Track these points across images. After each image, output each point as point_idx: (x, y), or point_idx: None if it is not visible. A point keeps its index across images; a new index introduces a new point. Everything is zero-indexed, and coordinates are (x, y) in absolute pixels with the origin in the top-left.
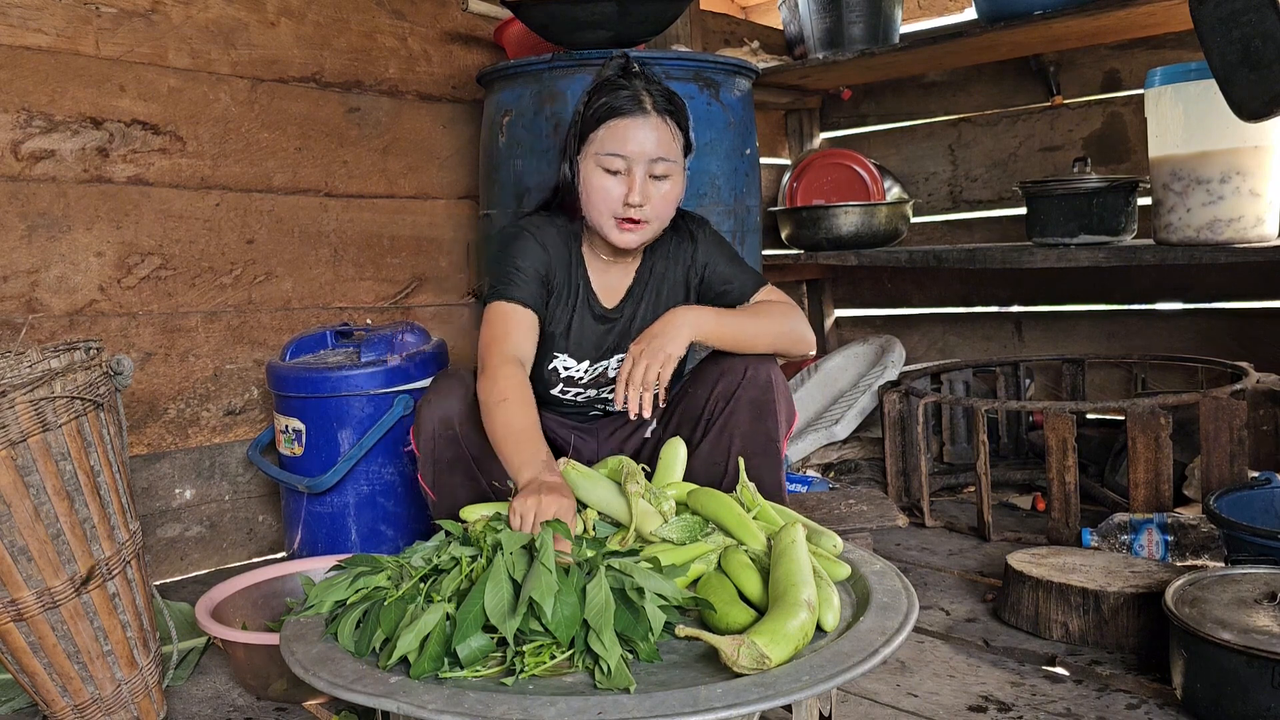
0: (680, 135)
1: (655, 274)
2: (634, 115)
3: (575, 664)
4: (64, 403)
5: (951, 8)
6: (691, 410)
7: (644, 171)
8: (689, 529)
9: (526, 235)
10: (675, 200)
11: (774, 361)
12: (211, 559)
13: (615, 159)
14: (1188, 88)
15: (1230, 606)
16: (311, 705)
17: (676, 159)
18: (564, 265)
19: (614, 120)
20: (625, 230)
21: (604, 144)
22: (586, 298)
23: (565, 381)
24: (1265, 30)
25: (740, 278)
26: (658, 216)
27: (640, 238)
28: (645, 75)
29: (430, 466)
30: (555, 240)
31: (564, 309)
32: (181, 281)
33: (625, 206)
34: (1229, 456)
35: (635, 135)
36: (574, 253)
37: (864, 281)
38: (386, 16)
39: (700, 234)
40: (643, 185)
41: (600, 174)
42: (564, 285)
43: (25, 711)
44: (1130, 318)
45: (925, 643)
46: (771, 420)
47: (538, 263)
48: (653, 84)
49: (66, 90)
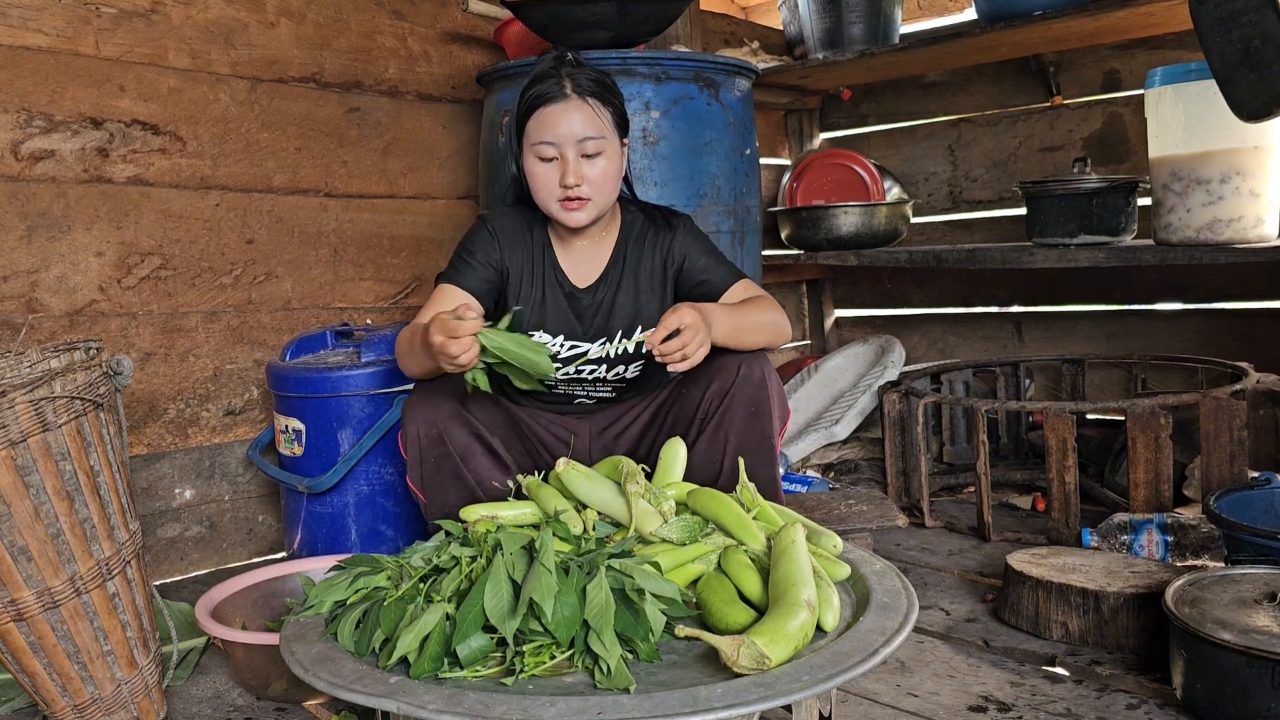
0: (609, 112)
1: (630, 259)
2: (556, 101)
3: (575, 664)
4: (64, 403)
5: (951, 8)
6: (686, 410)
7: (575, 153)
8: (689, 529)
9: (479, 225)
10: (614, 175)
11: (766, 359)
12: (211, 559)
13: (546, 146)
14: (1188, 88)
15: (1230, 607)
16: (311, 705)
17: (606, 135)
18: (523, 247)
19: (540, 109)
20: (569, 209)
21: (535, 134)
22: (555, 275)
23: None
24: (1265, 30)
25: (717, 270)
26: (599, 192)
27: (587, 215)
28: (575, 62)
29: (418, 469)
30: (512, 226)
31: (532, 287)
32: (181, 281)
33: (562, 189)
34: (1229, 456)
35: (560, 120)
36: (537, 235)
37: (864, 281)
38: (386, 17)
39: (679, 225)
40: (575, 166)
41: (537, 163)
42: (526, 265)
43: (25, 711)
44: (1130, 318)
45: (925, 643)
46: (766, 418)
47: (486, 249)
48: (579, 69)
49: (66, 90)
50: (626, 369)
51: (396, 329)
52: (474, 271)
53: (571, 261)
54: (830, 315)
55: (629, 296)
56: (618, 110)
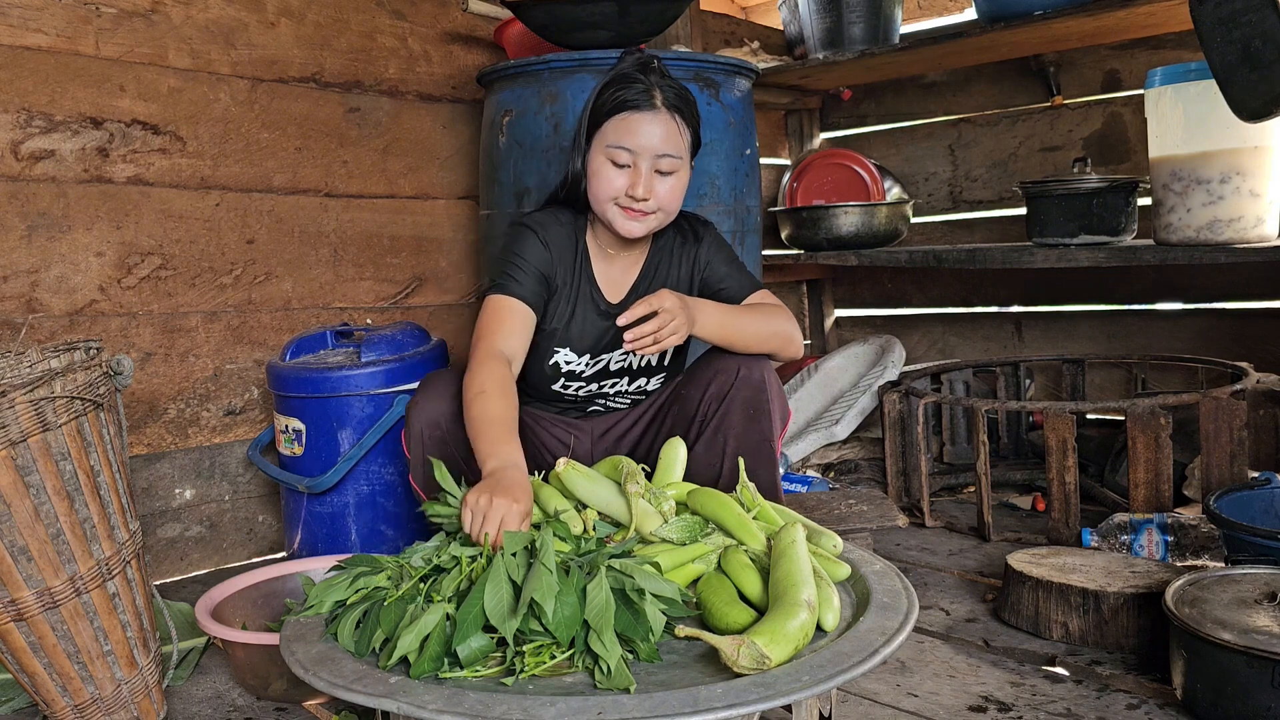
0: (689, 132)
1: (660, 271)
2: (643, 110)
3: (575, 664)
4: (64, 403)
5: (951, 8)
6: (685, 411)
7: (649, 166)
8: (689, 529)
9: (530, 232)
10: (680, 194)
11: (767, 362)
12: (211, 559)
13: (622, 152)
14: (1188, 88)
15: (1230, 607)
16: (311, 705)
17: (682, 155)
18: (567, 261)
19: (624, 114)
20: (631, 218)
21: (613, 136)
22: (590, 292)
23: (567, 376)
24: (1265, 30)
25: (736, 278)
26: (663, 208)
27: (646, 226)
28: (661, 71)
29: (420, 468)
30: (559, 236)
31: (566, 304)
32: (181, 281)
33: (629, 198)
34: (1229, 456)
35: (643, 129)
36: (578, 247)
37: (864, 281)
38: (386, 17)
39: (705, 234)
40: (648, 179)
41: (607, 165)
42: (566, 281)
43: (25, 711)
44: (1130, 318)
45: (925, 643)
46: (765, 421)
47: (539, 260)
48: (666, 80)
49: (66, 90)
50: (648, 381)
51: (396, 329)
52: (529, 284)
53: (606, 275)
54: (830, 315)
55: None
56: (694, 132)
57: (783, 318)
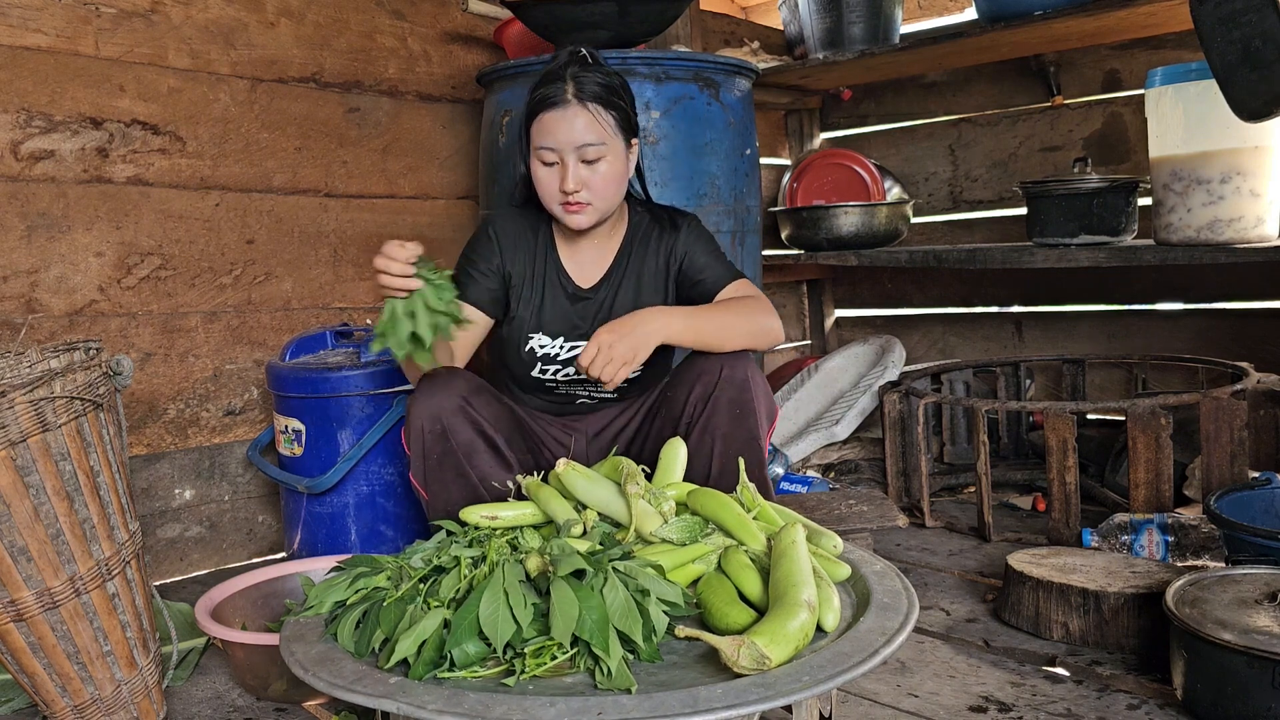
0: (614, 117)
1: (634, 259)
2: (558, 107)
3: (576, 665)
4: (64, 403)
5: (951, 8)
6: (671, 413)
7: (575, 158)
8: (689, 529)
9: (480, 229)
10: (615, 179)
11: (750, 359)
12: (211, 559)
13: (547, 151)
14: (1188, 88)
15: (1231, 607)
16: (311, 705)
17: (606, 140)
18: (527, 249)
19: (542, 114)
20: (570, 212)
21: (538, 138)
22: (557, 277)
23: (543, 360)
24: (1265, 30)
25: (715, 269)
26: (600, 197)
27: (588, 218)
28: (583, 62)
29: (421, 465)
30: (514, 229)
31: (534, 289)
32: (181, 281)
33: (562, 194)
34: (1229, 456)
35: (560, 126)
36: (542, 235)
37: (864, 282)
38: (386, 17)
39: (684, 225)
40: (575, 171)
41: (540, 166)
42: (529, 267)
43: (25, 711)
44: (1130, 318)
45: (925, 643)
46: (751, 419)
47: (486, 256)
48: (587, 70)
49: (66, 90)
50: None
51: None
52: (476, 284)
53: (575, 262)
54: (830, 315)
55: (630, 296)
56: (623, 113)
57: (757, 309)
